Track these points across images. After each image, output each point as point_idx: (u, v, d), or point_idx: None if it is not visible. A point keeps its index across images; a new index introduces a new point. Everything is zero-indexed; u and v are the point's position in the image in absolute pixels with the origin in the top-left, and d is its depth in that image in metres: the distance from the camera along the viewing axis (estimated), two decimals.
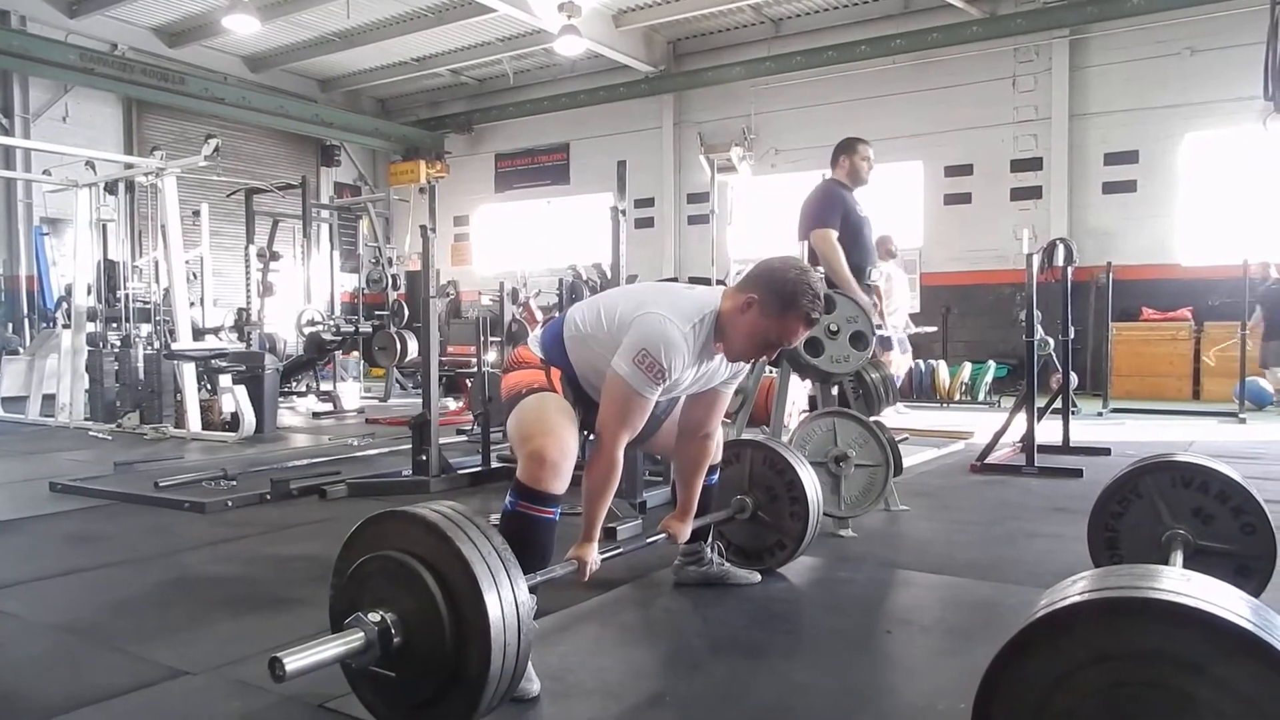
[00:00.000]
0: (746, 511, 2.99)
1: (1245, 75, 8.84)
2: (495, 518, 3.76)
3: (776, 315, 2.24)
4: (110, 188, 8.17)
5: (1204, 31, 10.22)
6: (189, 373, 6.96)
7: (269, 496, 4.32)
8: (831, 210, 4.40)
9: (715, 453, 2.76)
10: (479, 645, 1.68)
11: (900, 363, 8.26)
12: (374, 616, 1.72)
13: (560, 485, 2.17)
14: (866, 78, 12.05)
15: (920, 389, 9.53)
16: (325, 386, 9.93)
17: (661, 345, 2.18)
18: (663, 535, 2.62)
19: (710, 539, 2.89)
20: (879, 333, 8.02)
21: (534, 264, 13.48)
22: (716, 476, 2.83)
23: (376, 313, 9.63)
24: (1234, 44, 9.76)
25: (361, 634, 1.70)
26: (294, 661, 1.59)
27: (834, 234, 4.31)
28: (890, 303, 8.50)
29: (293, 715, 1.96)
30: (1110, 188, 10.91)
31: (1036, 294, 5.41)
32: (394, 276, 9.84)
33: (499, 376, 2.51)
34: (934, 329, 10.50)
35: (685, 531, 2.64)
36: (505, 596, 1.72)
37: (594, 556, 2.28)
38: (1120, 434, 6.80)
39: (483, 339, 6.49)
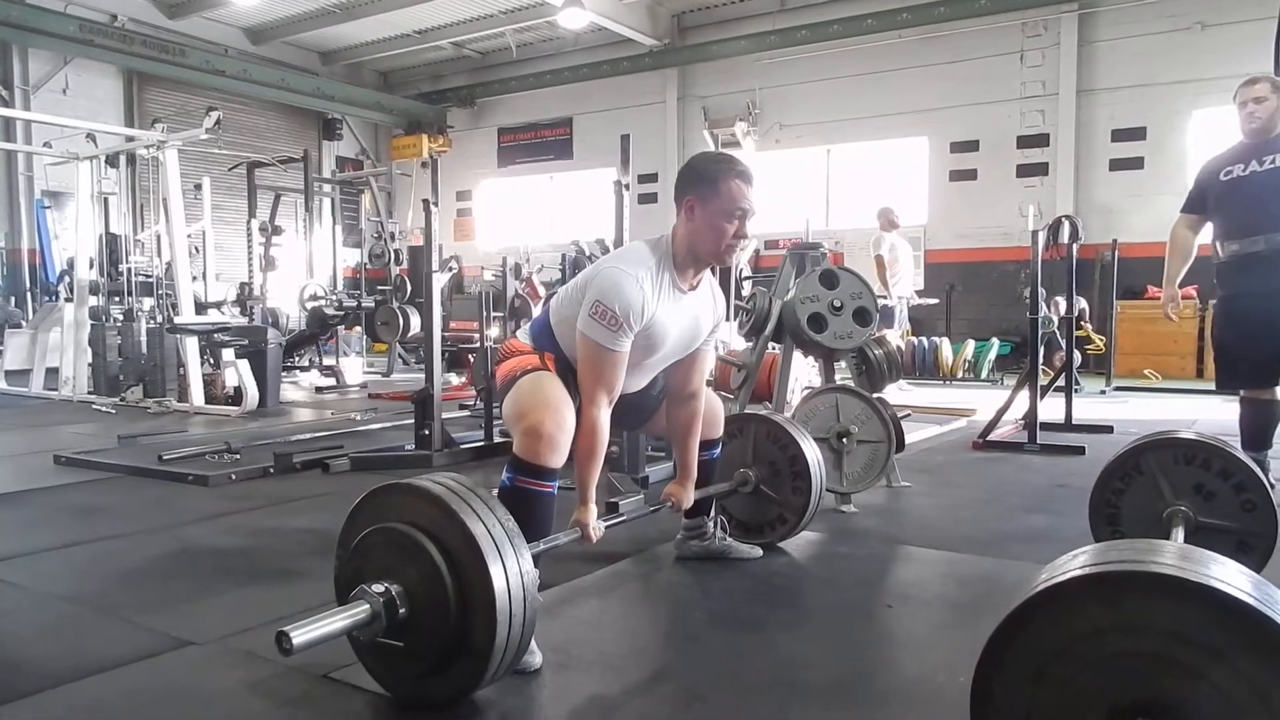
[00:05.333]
0: (749, 485, 2.99)
1: (1255, 51, 8.73)
2: (495, 493, 3.78)
3: (714, 192, 2.29)
4: (111, 161, 8.14)
5: (1215, 6, 10.10)
6: (192, 347, 6.97)
7: (272, 470, 4.33)
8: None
9: (716, 426, 2.76)
10: (484, 615, 1.69)
11: (891, 337, 8.25)
12: (378, 588, 1.73)
13: (558, 459, 2.18)
14: (872, 52, 11.95)
15: (923, 366, 9.52)
16: (328, 361, 9.94)
17: (613, 294, 2.19)
18: (666, 503, 2.61)
19: (713, 513, 2.90)
20: (882, 302, 8.08)
21: (537, 239, 13.44)
22: (719, 450, 2.83)
23: (379, 288, 9.61)
24: (1245, 19, 9.65)
25: (367, 606, 1.71)
26: (301, 635, 1.60)
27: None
28: (895, 273, 8.49)
29: (297, 685, 1.98)
30: (1117, 164, 10.83)
31: (1041, 271, 5.38)
32: (396, 251, 9.80)
33: (499, 354, 2.51)
34: (936, 301, 10.46)
35: (687, 497, 2.62)
36: (510, 567, 1.72)
37: (594, 521, 2.27)
38: (1123, 412, 6.80)
39: (485, 314, 6.47)
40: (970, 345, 9.62)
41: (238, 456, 4.63)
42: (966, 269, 11.32)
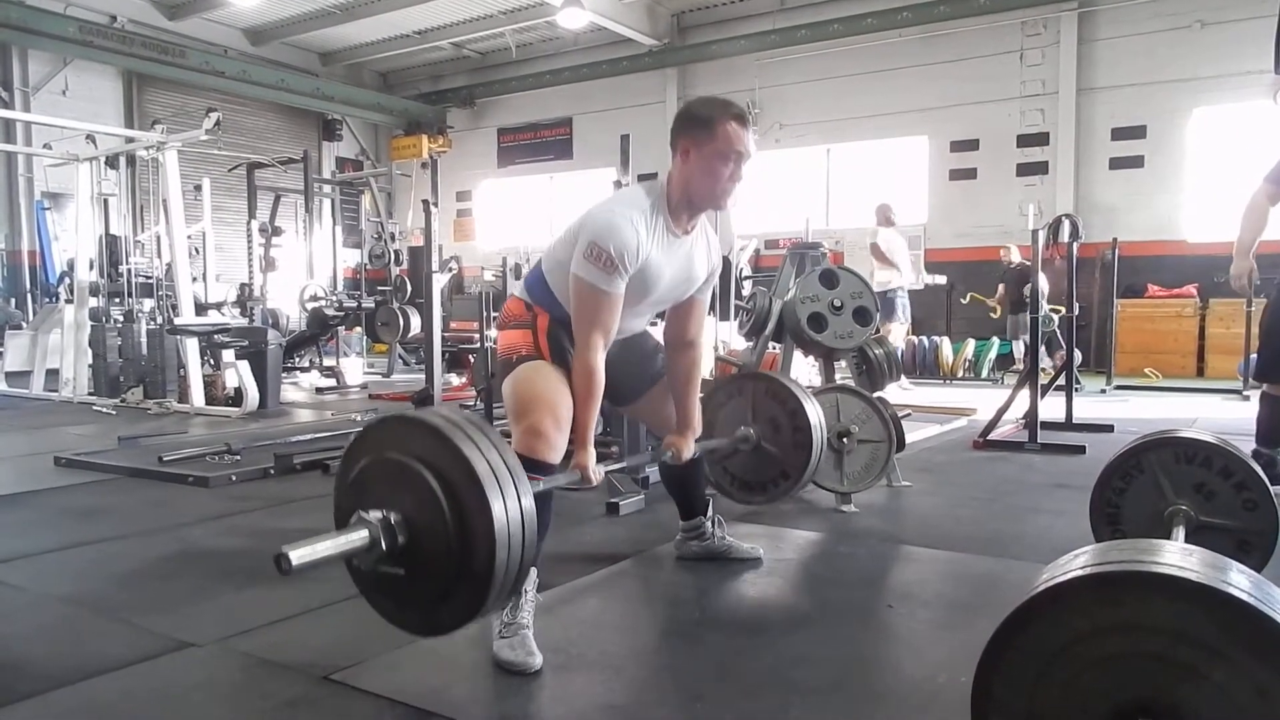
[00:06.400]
0: (750, 443, 2.97)
1: (1255, 49, 8.75)
2: None
3: (710, 135, 2.24)
4: (111, 162, 8.14)
5: (1214, 4, 10.09)
6: (192, 348, 6.97)
7: (272, 471, 4.33)
8: None
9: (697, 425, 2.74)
10: (484, 542, 1.65)
11: (897, 332, 8.29)
12: (376, 514, 1.70)
13: (555, 456, 2.20)
14: (872, 51, 11.94)
15: (923, 365, 9.52)
16: (328, 362, 9.94)
17: (607, 235, 2.17)
18: (666, 454, 2.56)
19: (711, 513, 2.90)
20: (886, 286, 8.08)
21: (537, 239, 13.44)
22: (698, 451, 2.76)
23: (379, 288, 9.62)
24: (1245, 17, 9.65)
25: (365, 531, 1.68)
26: (299, 556, 1.58)
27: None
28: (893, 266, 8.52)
29: (297, 685, 1.98)
30: (1117, 163, 10.83)
31: (1041, 270, 5.38)
32: (396, 252, 9.80)
33: (501, 317, 2.51)
34: (943, 280, 10.40)
35: (687, 448, 2.58)
36: (508, 492, 1.69)
37: (594, 464, 2.24)
38: (1123, 411, 6.80)
39: (485, 315, 6.47)
40: (970, 344, 9.62)
41: (238, 457, 4.63)
42: (967, 268, 11.31)
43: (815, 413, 2.93)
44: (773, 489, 3.00)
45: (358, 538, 1.68)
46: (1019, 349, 9.39)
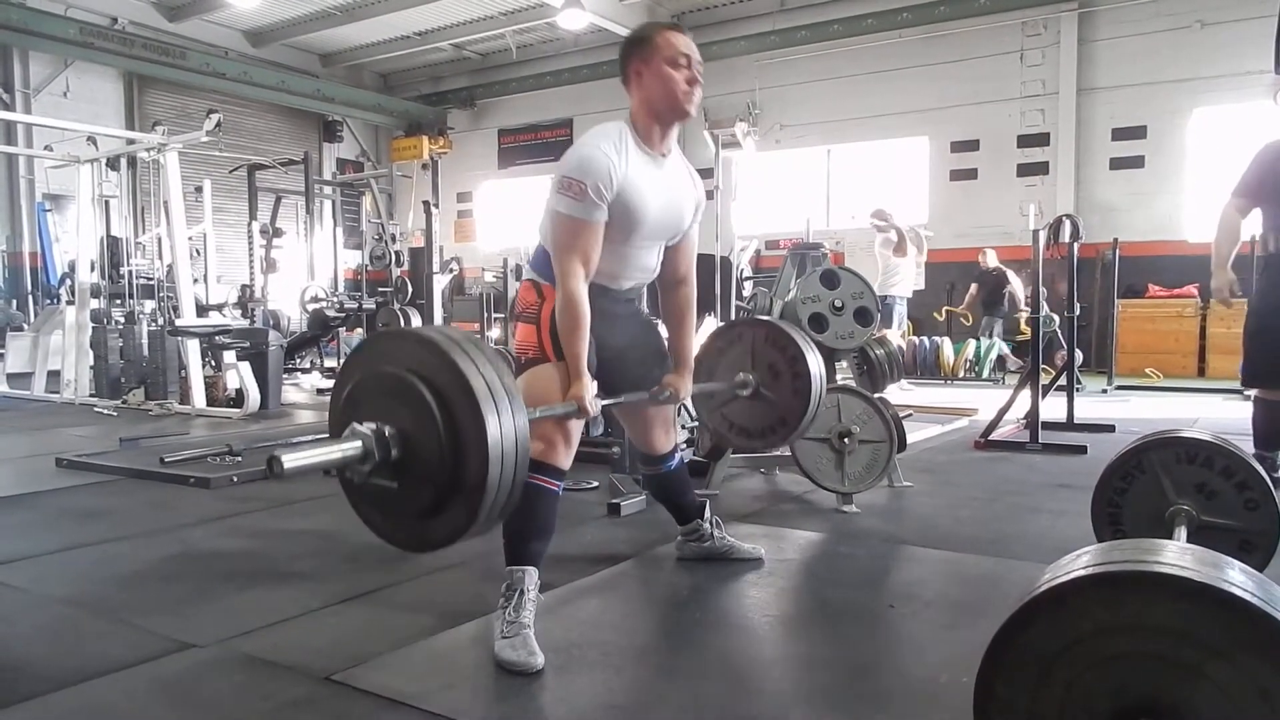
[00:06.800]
0: (748, 389, 2.94)
1: (1255, 49, 8.75)
2: None
3: (652, 46, 2.31)
4: (112, 163, 8.14)
5: (1214, 4, 10.09)
6: (193, 349, 6.97)
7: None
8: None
9: (670, 439, 2.72)
10: (477, 451, 1.64)
11: (892, 338, 8.31)
12: (370, 426, 1.69)
13: (566, 461, 2.23)
14: (873, 52, 11.94)
15: (924, 366, 9.52)
16: (329, 363, 9.94)
17: (577, 166, 2.20)
18: (664, 394, 2.53)
19: (708, 514, 2.89)
20: (878, 292, 8.13)
21: (538, 240, 13.42)
22: (676, 461, 2.76)
23: (380, 289, 9.61)
24: (1245, 17, 9.65)
25: (359, 441, 1.67)
26: (292, 461, 1.59)
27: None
28: (894, 269, 8.55)
29: (298, 686, 1.97)
30: (1118, 163, 10.83)
31: (1042, 270, 5.38)
32: (397, 253, 9.80)
33: (515, 305, 2.50)
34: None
35: (685, 386, 2.56)
36: (502, 406, 1.68)
37: (591, 396, 2.21)
38: (1124, 411, 6.79)
39: (486, 315, 6.47)
40: (971, 344, 9.62)
41: (239, 459, 4.62)
42: (968, 268, 11.31)
43: (815, 361, 2.90)
44: (770, 435, 2.98)
45: (351, 447, 1.67)
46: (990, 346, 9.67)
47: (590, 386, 2.22)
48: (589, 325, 2.23)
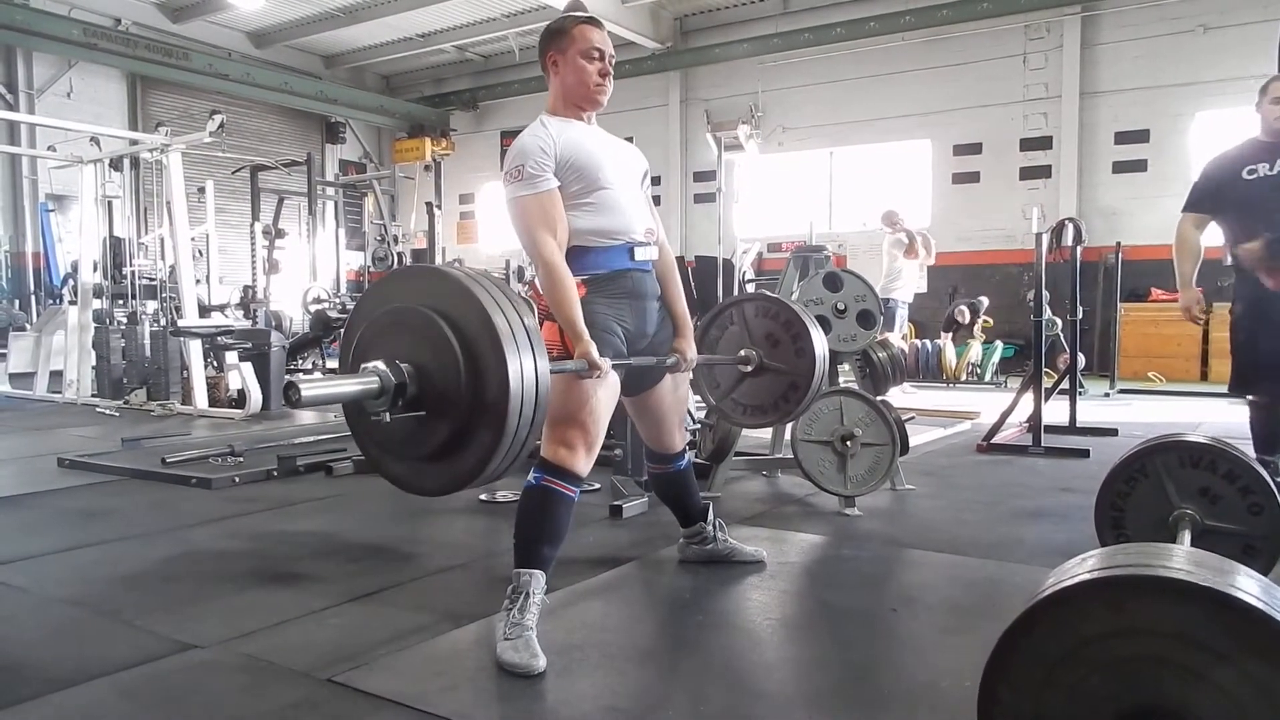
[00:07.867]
0: (751, 364, 2.93)
1: (1258, 53, 8.74)
2: (504, 494, 3.77)
3: (568, 39, 2.40)
4: (115, 164, 8.15)
5: (1217, 8, 10.09)
6: (195, 350, 6.98)
7: (275, 473, 4.33)
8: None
9: (681, 437, 2.73)
10: (497, 392, 1.61)
11: (893, 341, 8.33)
12: (383, 364, 1.67)
13: (585, 468, 2.25)
14: (875, 55, 11.94)
15: (927, 369, 9.51)
16: (331, 364, 9.94)
17: (514, 155, 2.30)
18: (670, 359, 2.52)
19: (711, 517, 2.89)
20: (880, 295, 8.16)
21: None
22: (685, 461, 2.77)
23: None
24: (1247, 20, 9.65)
25: (376, 378, 1.66)
26: (309, 389, 1.59)
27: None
28: (897, 272, 8.56)
29: (300, 688, 1.97)
30: (1120, 167, 10.82)
31: (1045, 274, 5.37)
32: (400, 254, 9.81)
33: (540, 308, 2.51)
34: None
35: (690, 347, 2.57)
36: (524, 348, 1.65)
37: (596, 355, 2.19)
38: (1127, 415, 6.79)
39: None
40: (974, 347, 9.60)
41: (241, 459, 4.63)
42: (970, 271, 11.31)
43: (809, 319, 2.90)
44: (784, 404, 2.95)
45: (369, 381, 1.65)
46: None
47: (594, 346, 2.21)
48: (574, 286, 2.26)
